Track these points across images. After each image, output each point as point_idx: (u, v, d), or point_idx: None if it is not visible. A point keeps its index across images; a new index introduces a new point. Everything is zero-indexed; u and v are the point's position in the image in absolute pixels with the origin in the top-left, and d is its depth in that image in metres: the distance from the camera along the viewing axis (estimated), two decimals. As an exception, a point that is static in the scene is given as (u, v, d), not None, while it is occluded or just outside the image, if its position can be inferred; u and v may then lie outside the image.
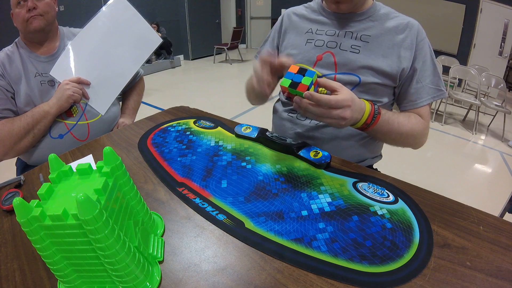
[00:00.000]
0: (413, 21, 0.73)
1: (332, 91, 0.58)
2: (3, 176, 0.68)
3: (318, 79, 0.58)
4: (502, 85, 3.20)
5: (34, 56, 0.92)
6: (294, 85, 0.56)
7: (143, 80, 1.24)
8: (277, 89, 0.67)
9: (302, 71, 0.57)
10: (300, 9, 0.85)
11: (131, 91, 1.18)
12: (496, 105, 3.18)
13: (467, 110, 3.59)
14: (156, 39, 1.02)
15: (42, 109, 0.86)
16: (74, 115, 0.94)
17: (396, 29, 0.72)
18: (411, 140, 0.73)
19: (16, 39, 0.93)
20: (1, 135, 0.83)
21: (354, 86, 0.75)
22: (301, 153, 0.65)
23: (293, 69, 0.58)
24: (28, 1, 0.87)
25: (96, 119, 0.97)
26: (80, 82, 0.92)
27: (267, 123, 0.98)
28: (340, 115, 0.56)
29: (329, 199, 0.53)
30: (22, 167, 0.98)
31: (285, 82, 0.57)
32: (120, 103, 1.18)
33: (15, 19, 0.89)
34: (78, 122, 0.95)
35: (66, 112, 0.92)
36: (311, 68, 0.78)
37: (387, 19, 0.74)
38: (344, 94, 0.56)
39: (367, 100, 0.65)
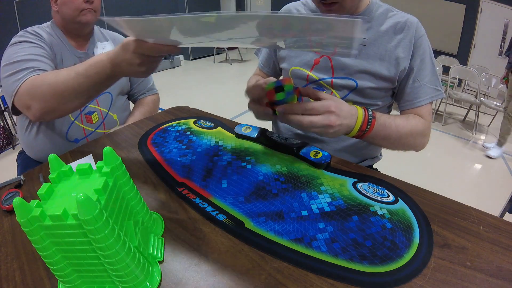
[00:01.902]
0: (412, 18, 0.71)
1: (316, 99, 0.57)
2: (3, 176, 0.68)
3: (300, 88, 0.58)
4: (502, 85, 3.20)
5: (72, 49, 0.91)
6: (278, 89, 0.56)
7: (157, 96, 1.16)
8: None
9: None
10: (298, 6, 0.83)
11: (141, 105, 1.09)
12: (496, 105, 3.19)
13: (467, 110, 3.59)
14: None
15: (106, 73, 0.59)
16: (94, 122, 0.94)
17: (394, 29, 0.70)
18: (411, 141, 0.70)
19: (49, 25, 0.89)
20: (41, 89, 0.66)
21: (350, 90, 0.74)
22: (301, 153, 0.65)
23: (283, 81, 0.58)
24: None
25: (114, 130, 0.97)
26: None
27: (267, 123, 0.97)
28: (324, 123, 0.54)
29: (329, 199, 0.53)
30: (24, 164, 0.97)
31: (271, 85, 0.57)
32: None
33: (65, 4, 0.84)
34: (96, 130, 0.95)
35: (86, 118, 0.92)
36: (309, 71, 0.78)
37: (385, 19, 0.72)
38: (326, 100, 0.55)
39: (362, 103, 0.64)
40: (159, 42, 0.50)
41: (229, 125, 0.82)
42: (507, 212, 1.44)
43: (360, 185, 0.57)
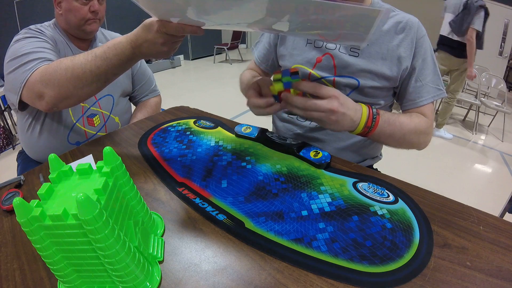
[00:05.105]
0: (413, 18, 0.72)
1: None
2: (3, 176, 0.68)
3: (305, 82, 0.59)
4: (502, 85, 3.20)
5: (75, 49, 0.91)
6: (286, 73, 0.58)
7: (160, 98, 1.16)
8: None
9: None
10: None
11: (143, 108, 1.09)
12: (496, 105, 3.18)
13: (467, 110, 3.59)
14: None
15: (125, 55, 0.59)
16: (96, 125, 0.93)
17: (396, 28, 0.71)
18: (415, 139, 0.71)
19: (52, 25, 0.89)
20: (57, 73, 0.64)
21: (353, 89, 0.74)
22: (301, 153, 0.65)
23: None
24: (93, 1, 0.84)
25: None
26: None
27: (267, 123, 0.98)
28: (327, 107, 0.55)
29: (329, 199, 0.53)
30: (24, 164, 0.97)
31: (277, 76, 0.59)
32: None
33: (70, 11, 0.84)
34: (98, 133, 0.94)
35: (88, 121, 0.91)
36: (310, 69, 0.79)
37: (386, 19, 0.72)
38: (332, 89, 0.57)
39: (364, 102, 0.64)
40: (183, 22, 0.50)
41: (229, 125, 0.82)
42: (507, 212, 1.44)
43: (360, 185, 0.57)
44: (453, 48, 2.75)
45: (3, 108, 2.56)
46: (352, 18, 0.38)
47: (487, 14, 2.50)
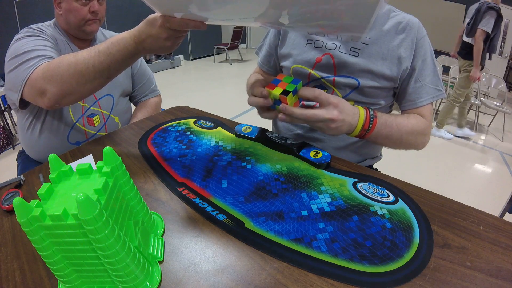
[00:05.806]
0: (414, 19, 0.72)
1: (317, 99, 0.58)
2: (3, 176, 0.68)
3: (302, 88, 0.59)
4: (502, 85, 3.20)
5: (75, 49, 0.91)
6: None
7: (160, 98, 1.17)
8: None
9: (288, 79, 0.59)
10: None
11: (143, 107, 1.09)
12: (496, 105, 3.19)
13: (467, 110, 3.58)
14: None
15: (128, 51, 0.60)
16: (96, 125, 0.94)
17: (396, 28, 0.71)
18: (412, 140, 0.71)
19: (52, 25, 0.89)
20: (60, 69, 0.64)
21: (353, 89, 0.74)
22: (301, 153, 0.65)
23: (280, 77, 0.60)
24: (93, 2, 0.84)
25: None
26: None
27: (267, 123, 0.98)
28: (326, 116, 0.55)
29: (329, 199, 0.53)
30: (24, 164, 0.97)
31: (270, 87, 0.58)
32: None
33: (70, 11, 0.84)
34: (98, 133, 0.94)
35: (88, 121, 0.92)
36: (309, 68, 0.79)
37: (387, 19, 0.72)
38: (330, 96, 0.57)
39: (364, 102, 0.64)
40: (186, 17, 0.51)
41: (229, 125, 0.82)
42: (507, 212, 1.44)
43: (360, 185, 0.57)
44: (462, 49, 2.85)
45: (3, 108, 2.56)
46: (352, 8, 0.39)
47: (500, 17, 2.50)
